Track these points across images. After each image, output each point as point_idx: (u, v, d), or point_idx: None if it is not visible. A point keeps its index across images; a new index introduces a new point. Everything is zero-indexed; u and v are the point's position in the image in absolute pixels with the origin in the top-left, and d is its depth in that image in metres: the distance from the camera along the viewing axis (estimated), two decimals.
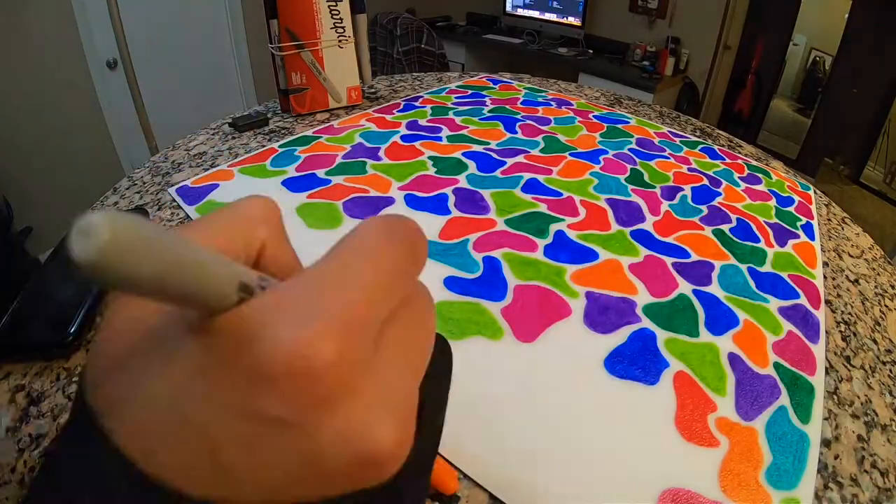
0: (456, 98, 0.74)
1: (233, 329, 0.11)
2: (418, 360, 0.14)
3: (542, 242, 0.42)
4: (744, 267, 0.42)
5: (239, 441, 0.11)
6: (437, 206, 0.46)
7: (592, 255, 0.41)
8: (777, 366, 0.33)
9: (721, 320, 0.36)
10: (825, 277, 0.44)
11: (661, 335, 0.34)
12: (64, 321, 0.31)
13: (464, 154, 0.56)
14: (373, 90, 0.77)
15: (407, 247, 0.14)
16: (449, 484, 0.25)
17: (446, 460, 0.26)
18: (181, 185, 0.50)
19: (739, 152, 0.67)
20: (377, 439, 0.12)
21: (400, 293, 0.13)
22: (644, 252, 0.43)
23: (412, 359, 0.14)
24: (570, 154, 0.58)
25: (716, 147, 0.66)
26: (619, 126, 0.68)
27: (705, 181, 0.56)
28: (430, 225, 0.43)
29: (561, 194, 0.50)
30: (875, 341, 0.38)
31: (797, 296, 0.40)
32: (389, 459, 0.12)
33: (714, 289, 0.39)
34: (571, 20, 2.90)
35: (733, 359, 0.33)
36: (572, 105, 0.74)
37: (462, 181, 0.51)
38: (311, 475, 0.12)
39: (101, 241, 0.07)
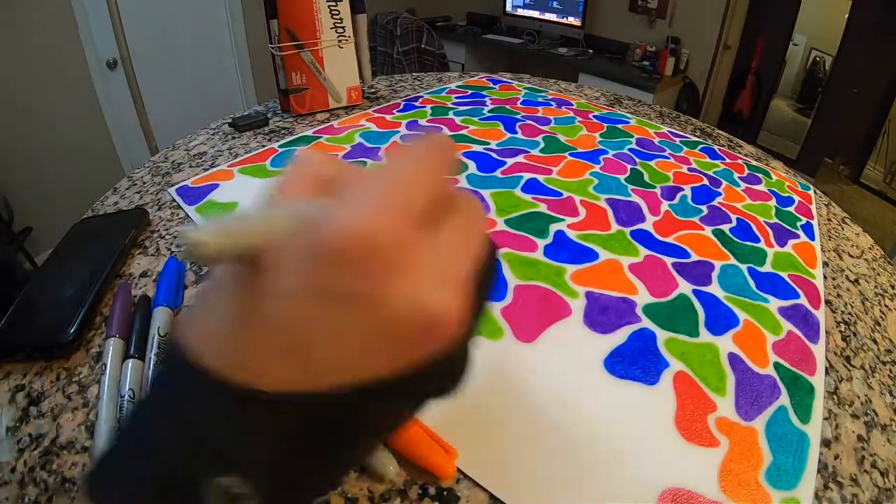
0: (456, 98, 0.74)
1: (308, 234, 0.13)
2: (472, 249, 0.15)
3: (542, 242, 0.42)
4: (744, 267, 0.42)
5: (322, 326, 0.13)
6: None
7: (592, 255, 0.41)
8: (777, 366, 0.33)
9: (721, 320, 0.36)
10: (825, 277, 0.44)
11: (661, 335, 0.34)
12: (64, 321, 0.31)
13: (464, 154, 0.56)
14: (373, 90, 0.77)
15: (432, 148, 0.16)
16: (445, 468, 0.25)
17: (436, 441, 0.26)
18: (181, 185, 0.50)
19: (739, 152, 0.67)
20: (437, 303, 0.13)
21: (429, 186, 0.15)
22: (644, 252, 0.43)
23: (466, 248, 0.15)
24: (570, 154, 0.58)
25: (716, 147, 0.66)
26: (619, 126, 0.68)
27: (705, 181, 0.56)
28: None
29: (561, 194, 0.50)
30: (875, 341, 0.38)
31: (797, 296, 0.40)
32: (452, 322, 0.14)
33: (714, 289, 0.39)
34: (571, 20, 2.90)
35: (733, 359, 0.33)
36: (572, 105, 0.74)
37: (462, 181, 0.51)
38: (384, 344, 0.13)
39: (207, 250, 0.12)
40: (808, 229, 0.50)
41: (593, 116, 0.71)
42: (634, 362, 0.32)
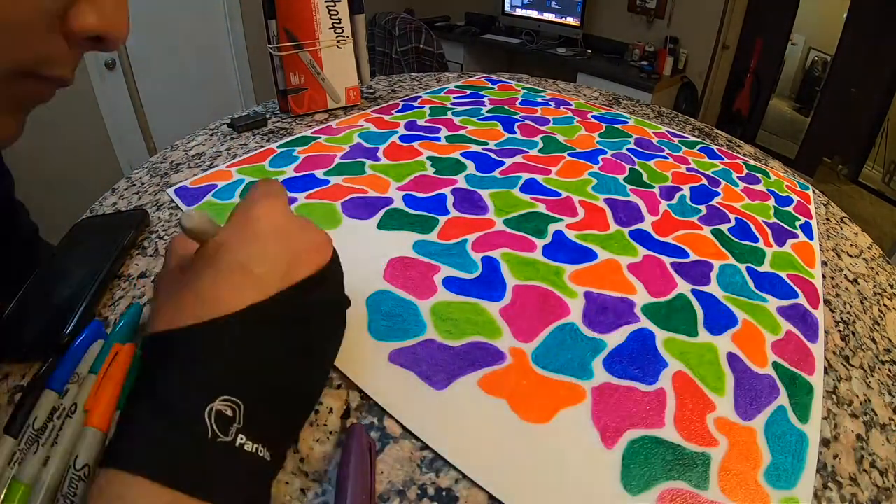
0: (454, 98, 0.74)
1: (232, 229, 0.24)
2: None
3: (540, 242, 0.42)
4: (742, 266, 0.42)
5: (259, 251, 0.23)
6: (435, 206, 0.46)
7: (591, 255, 0.41)
8: (776, 365, 0.33)
9: (720, 320, 0.36)
10: (824, 277, 0.44)
11: (660, 335, 0.34)
12: (61, 322, 0.31)
13: (462, 154, 0.56)
14: (371, 90, 0.77)
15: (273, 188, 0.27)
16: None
17: None
18: (180, 185, 0.49)
19: (738, 152, 0.67)
20: (323, 235, 0.26)
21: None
22: (643, 252, 0.43)
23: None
24: (569, 154, 0.58)
25: (714, 147, 0.66)
26: (618, 126, 0.68)
27: (704, 181, 0.56)
28: (429, 225, 0.43)
29: (559, 194, 0.50)
30: (874, 340, 0.38)
31: (796, 295, 0.40)
32: (325, 246, 0.26)
33: (713, 288, 0.39)
34: (570, 20, 2.90)
35: (732, 358, 0.33)
36: (571, 105, 0.74)
37: (461, 181, 0.51)
38: (293, 261, 0.23)
39: (192, 222, 0.21)
40: (806, 229, 0.50)
41: (592, 116, 0.71)
42: (633, 362, 0.32)
